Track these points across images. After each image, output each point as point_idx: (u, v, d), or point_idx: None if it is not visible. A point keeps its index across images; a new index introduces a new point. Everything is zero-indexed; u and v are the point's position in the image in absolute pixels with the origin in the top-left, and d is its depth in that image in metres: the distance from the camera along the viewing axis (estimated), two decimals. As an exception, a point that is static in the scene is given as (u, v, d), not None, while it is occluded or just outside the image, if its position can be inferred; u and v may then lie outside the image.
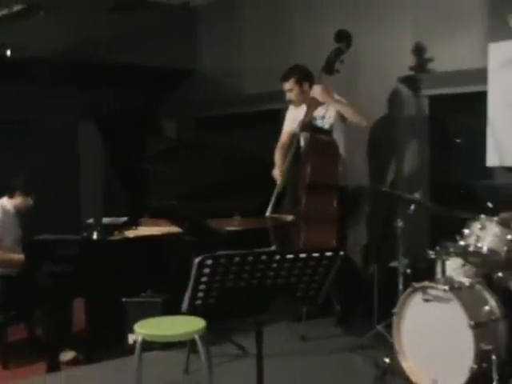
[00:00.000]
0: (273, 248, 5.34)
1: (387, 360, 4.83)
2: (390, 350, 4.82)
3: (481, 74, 6.02)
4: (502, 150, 5.98)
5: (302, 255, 3.20)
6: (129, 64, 7.80)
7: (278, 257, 3.18)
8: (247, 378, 3.48)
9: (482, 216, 4.63)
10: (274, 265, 3.19)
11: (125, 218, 6.10)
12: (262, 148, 6.65)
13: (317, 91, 5.91)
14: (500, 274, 4.66)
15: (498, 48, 5.98)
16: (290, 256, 3.19)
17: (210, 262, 3.07)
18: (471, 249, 4.60)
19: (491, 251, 4.55)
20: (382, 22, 6.75)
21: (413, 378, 4.65)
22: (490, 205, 4.82)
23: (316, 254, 3.21)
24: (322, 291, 3.38)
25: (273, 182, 6.00)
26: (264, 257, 3.16)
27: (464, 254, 4.68)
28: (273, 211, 5.71)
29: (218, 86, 8.57)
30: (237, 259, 3.12)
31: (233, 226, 5.26)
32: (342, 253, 3.23)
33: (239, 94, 8.35)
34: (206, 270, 3.10)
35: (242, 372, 3.87)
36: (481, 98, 6.05)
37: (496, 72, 5.99)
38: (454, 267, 4.86)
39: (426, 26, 6.44)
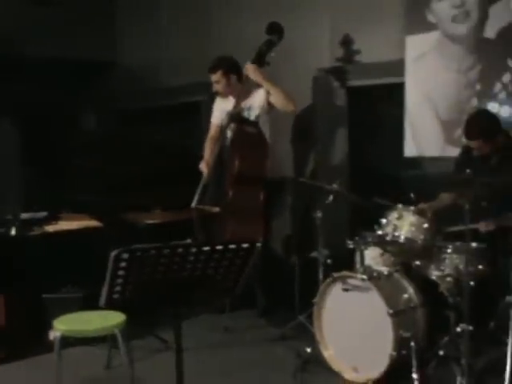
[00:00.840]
0: (188, 240, 5.32)
1: (308, 350, 4.87)
2: (312, 339, 4.86)
3: (400, 66, 6.12)
4: (419, 140, 6.10)
5: (219, 247, 3.19)
6: (47, 57, 7.65)
7: (194, 249, 3.16)
8: (169, 371, 3.46)
9: (399, 205, 4.70)
10: (191, 257, 3.18)
11: (44, 213, 6.00)
12: (184, 140, 6.62)
13: (250, 70, 5.90)
14: (418, 263, 4.74)
15: (415, 41, 6.09)
16: (206, 248, 3.18)
17: (125, 255, 3.04)
18: (389, 238, 4.66)
19: (408, 240, 4.61)
20: (306, 15, 6.78)
21: (334, 366, 4.71)
22: (412, 195, 4.89)
23: (233, 246, 3.21)
24: (240, 283, 3.38)
25: (198, 173, 5.96)
26: (180, 249, 3.14)
27: (382, 243, 4.75)
28: (199, 202, 5.70)
29: (140, 78, 8.47)
30: (153, 252, 3.09)
31: (153, 218, 5.23)
32: (259, 244, 3.24)
33: (161, 86, 8.27)
34: (123, 264, 3.06)
35: (165, 366, 3.86)
36: (400, 89, 6.15)
37: (413, 64, 6.11)
38: (373, 256, 4.94)
39: (349, 19, 6.50)
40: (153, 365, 5.03)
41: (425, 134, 6.09)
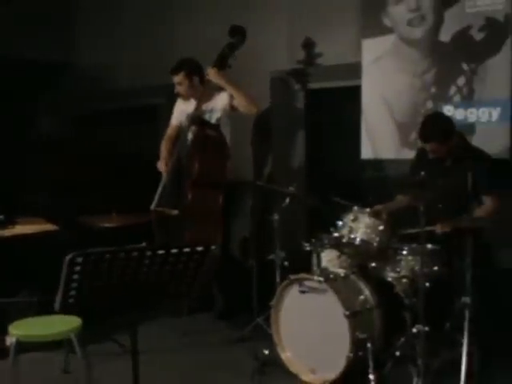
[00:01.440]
0: (143, 244, 5.30)
1: (266, 352, 4.88)
2: (270, 341, 4.87)
3: (357, 69, 6.16)
4: (376, 142, 6.15)
5: (174, 251, 3.19)
6: (1, 56, 7.54)
7: (149, 253, 3.16)
8: (127, 375, 3.45)
9: (355, 208, 4.73)
10: (146, 261, 3.18)
11: (0, 217, 5.94)
12: (142, 142, 6.58)
13: (212, 73, 5.89)
14: (374, 264, 4.78)
15: (371, 44, 6.14)
16: (161, 252, 3.18)
17: (80, 259, 3.03)
18: (344, 240, 4.69)
19: (364, 242, 4.65)
20: (265, 17, 6.82)
21: (291, 368, 4.72)
22: (370, 198, 4.93)
23: (187, 250, 3.21)
24: (195, 286, 3.38)
25: (156, 176, 5.94)
26: (135, 253, 3.14)
27: (338, 245, 4.78)
28: (158, 205, 5.68)
29: (98, 79, 8.38)
30: (107, 256, 3.09)
31: (110, 222, 5.20)
32: (213, 247, 3.24)
33: (119, 88, 8.20)
34: (77, 268, 3.06)
35: (122, 370, 3.84)
36: (358, 92, 6.19)
37: (369, 67, 6.16)
38: (330, 259, 4.97)
39: (306, 22, 6.53)
40: (110, 369, 4.99)
41: (381, 137, 6.15)
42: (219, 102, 6.01)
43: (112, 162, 6.44)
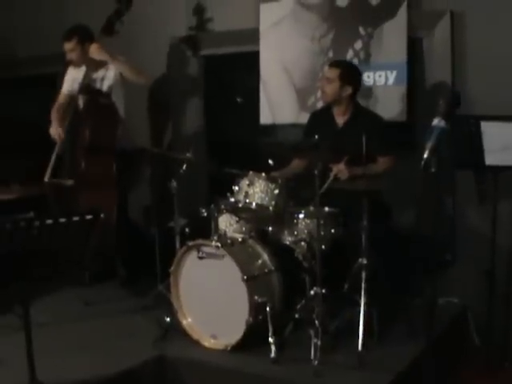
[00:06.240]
0: (31, 214, 5.22)
1: (168, 319, 4.87)
2: (172, 309, 4.87)
3: (255, 35, 6.15)
4: (274, 108, 6.17)
5: (62, 220, 3.15)
6: None
7: (37, 223, 3.11)
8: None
9: (250, 172, 4.74)
10: (35, 231, 3.13)
11: None
12: (39, 112, 6.43)
13: (93, 49, 5.79)
14: (271, 229, 4.82)
15: (269, 8, 6.14)
16: (49, 221, 3.13)
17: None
18: (241, 205, 4.70)
19: (260, 206, 4.66)
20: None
21: (193, 334, 4.73)
22: (270, 162, 4.95)
23: (76, 218, 3.18)
24: (86, 255, 3.35)
25: (50, 146, 5.85)
26: (23, 223, 3.09)
27: (235, 210, 4.80)
28: (52, 176, 5.60)
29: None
30: (-7, 227, 3.03)
31: (4, 194, 5.11)
32: (102, 215, 3.21)
33: (14, 58, 7.97)
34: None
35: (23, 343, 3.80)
36: (256, 57, 6.19)
37: (267, 32, 6.16)
38: (228, 224, 4.99)
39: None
40: (10, 343, 4.90)
41: (280, 102, 6.17)
42: (111, 71, 5.93)
43: (7, 131, 6.27)
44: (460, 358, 4.99)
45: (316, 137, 4.51)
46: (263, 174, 4.72)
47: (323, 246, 4.54)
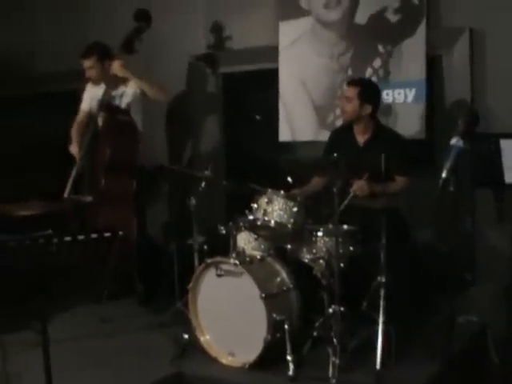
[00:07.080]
0: (50, 231, 5.22)
1: (186, 336, 4.87)
2: (190, 326, 4.86)
3: (274, 52, 6.17)
4: (293, 125, 6.17)
5: (80, 237, 3.15)
6: None
7: (55, 240, 3.11)
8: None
9: (269, 190, 4.73)
10: (53, 248, 3.13)
11: None
12: (58, 129, 6.46)
13: (116, 66, 5.83)
14: (290, 246, 4.81)
15: (288, 27, 6.15)
16: (67, 238, 3.13)
17: (-18, 248, 2.98)
18: (259, 223, 4.68)
19: (278, 224, 4.63)
20: (178, 2, 6.76)
21: (211, 352, 4.72)
22: (289, 180, 4.94)
23: (94, 236, 3.18)
24: (105, 272, 3.35)
25: (70, 163, 5.88)
26: (41, 240, 3.09)
27: (253, 228, 4.78)
28: (71, 192, 5.62)
29: (13, 65, 8.18)
30: (12, 244, 3.03)
31: (23, 210, 5.12)
32: (121, 233, 3.21)
33: (34, 74, 8.01)
34: (-19, 257, 3.00)
35: (40, 360, 3.79)
36: (275, 75, 6.20)
37: (286, 50, 6.17)
38: (247, 241, 4.97)
39: (222, 5, 6.51)
40: (27, 359, 4.90)
41: (299, 119, 6.18)
42: (130, 88, 5.96)
43: (28, 147, 6.31)
44: (479, 376, 4.95)
45: (335, 155, 4.50)
46: (282, 192, 4.71)
47: (342, 264, 4.52)
